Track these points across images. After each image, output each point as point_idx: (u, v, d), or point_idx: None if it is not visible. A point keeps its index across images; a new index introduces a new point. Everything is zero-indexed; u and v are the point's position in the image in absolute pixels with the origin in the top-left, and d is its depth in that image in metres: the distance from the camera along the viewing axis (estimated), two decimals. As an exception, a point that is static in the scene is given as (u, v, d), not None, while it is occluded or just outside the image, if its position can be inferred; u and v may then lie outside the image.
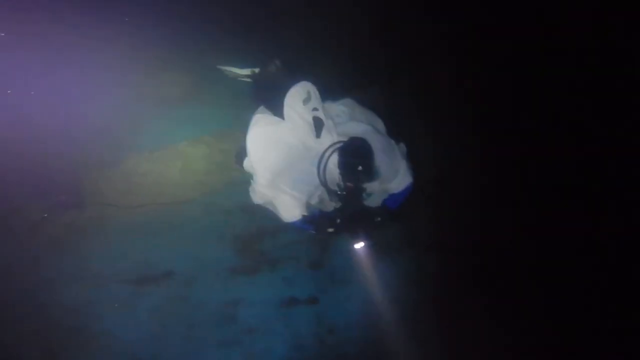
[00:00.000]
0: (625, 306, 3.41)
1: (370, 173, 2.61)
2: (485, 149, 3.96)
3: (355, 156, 2.57)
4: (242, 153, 3.23)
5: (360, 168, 2.53)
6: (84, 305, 3.09)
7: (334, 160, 2.65)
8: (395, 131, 3.07)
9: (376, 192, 2.89)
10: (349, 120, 2.95)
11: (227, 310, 3.20)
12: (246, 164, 3.18)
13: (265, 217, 3.39)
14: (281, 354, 3.09)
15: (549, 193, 3.83)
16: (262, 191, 2.93)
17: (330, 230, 2.83)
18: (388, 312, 3.26)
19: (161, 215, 3.44)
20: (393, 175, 2.86)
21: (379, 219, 2.93)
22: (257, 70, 3.45)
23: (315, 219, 2.86)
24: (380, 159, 2.67)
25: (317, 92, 2.91)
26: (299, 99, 2.85)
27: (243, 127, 3.72)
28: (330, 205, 2.95)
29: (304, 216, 2.80)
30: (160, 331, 3.09)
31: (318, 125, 2.80)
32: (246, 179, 3.59)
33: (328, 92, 3.32)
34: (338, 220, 2.82)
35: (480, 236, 3.64)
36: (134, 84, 3.64)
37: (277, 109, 2.95)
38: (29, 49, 3.49)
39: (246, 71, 3.54)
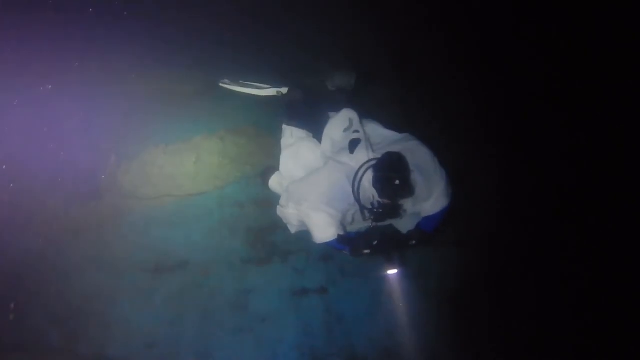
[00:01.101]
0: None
1: (408, 188, 2.54)
2: (494, 148, 4.04)
3: (392, 170, 2.50)
4: (267, 172, 3.26)
5: (397, 182, 2.46)
6: (103, 292, 3.20)
7: (368, 178, 2.60)
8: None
9: (410, 212, 2.83)
10: (392, 142, 2.87)
11: (240, 299, 3.30)
12: (272, 183, 3.21)
13: (276, 210, 3.52)
14: (291, 341, 3.19)
15: (557, 192, 3.89)
16: (294, 212, 2.85)
17: (366, 252, 2.76)
18: (396, 304, 3.34)
19: (176, 207, 3.54)
20: (427, 196, 2.77)
21: (414, 242, 2.87)
22: (284, 91, 3.43)
23: (351, 240, 2.80)
24: (415, 177, 2.61)
25: (358, 118, 2.88)
26: (341, 128, 2.83)
27: (256, 123, 3.84)
28: (364, 226, 2.89)
29: (339, 236, 2.74)
30: (176, 318, 3.20)
31: (354, 143, 2.75)
32: (258, 173, 3.71)
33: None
34: (375, 242, 2.75)
35: (492, 232, 3.71)
36: (151, 80, 3.74)
37: (311, 126, 2.95)
38: (47, 47, 3.56)
39: (271, 91, 3.53)
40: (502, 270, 3.62)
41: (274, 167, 3.23)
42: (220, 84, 3.64)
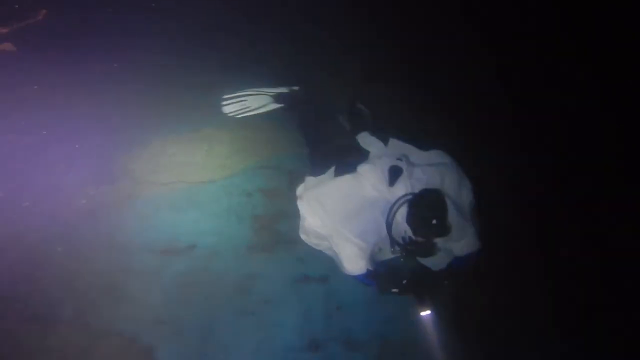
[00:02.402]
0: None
1: (444, 228, 2.47)
2: (493, 149, 4.08)
3: (429, 209, 2.43)
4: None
5: (434, 222, 2.41)
6: (114, 269, 3.35)
7: (402, 212, 2.53)
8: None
9: (442, 249, 2.77)
10: (429, 169, 2.79)
11: (243, 283, 3.42)
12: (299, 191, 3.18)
13: (282, 200, 3.65)
14: (292, 325, 3.30)
15: (557, 192, 3.93)
16: (323, 233, 2.82)
17: (395, 290, 2.75)
18: (394, 295, 3.41)
19: (186, 193, 3.69)
20: (461, 237, 2.72)
21: (446, 282, 2.85)
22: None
23: (380, 277, 2.76)
24: (452, 216, 2.52)
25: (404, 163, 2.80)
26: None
27: (265, 117, 3.98)
28: (390, 256, 2.85)
29: (368, 270, 2.70)
30: (182, 298, 3.32)
31: (394, 174, 2.69)
32: (264, 165, 3.85)
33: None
34: (404, 282, 2.72)
35: (491, 231, 3.72)
36: (166, 72, 3.91)
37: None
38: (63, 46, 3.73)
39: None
40: (500, 268, 3.65)
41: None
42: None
